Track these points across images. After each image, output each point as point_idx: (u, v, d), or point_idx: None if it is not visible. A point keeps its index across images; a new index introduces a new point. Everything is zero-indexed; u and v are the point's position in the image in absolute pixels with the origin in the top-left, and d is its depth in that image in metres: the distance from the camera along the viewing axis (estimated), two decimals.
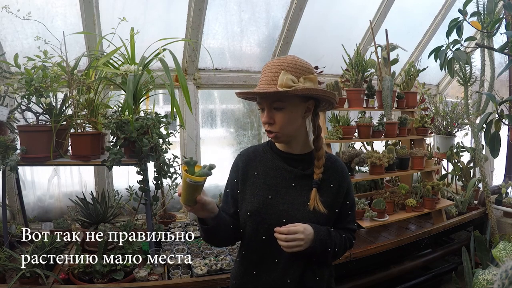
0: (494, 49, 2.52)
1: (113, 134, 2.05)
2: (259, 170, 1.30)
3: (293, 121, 1.22)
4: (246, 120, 3.49)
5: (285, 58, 1.21)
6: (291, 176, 1.27)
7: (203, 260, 2.22)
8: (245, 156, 1.35)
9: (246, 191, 1.29)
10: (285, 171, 1.28)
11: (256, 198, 1.26)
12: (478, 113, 3.20)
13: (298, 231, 1.16)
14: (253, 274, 1.29)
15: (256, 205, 1.25)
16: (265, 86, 1.19)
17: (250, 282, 1.30)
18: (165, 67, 2.11)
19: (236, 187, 1.32)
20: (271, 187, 1.27)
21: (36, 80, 1.97)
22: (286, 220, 1.22)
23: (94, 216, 2.34)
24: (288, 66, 1.18)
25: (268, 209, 1.24)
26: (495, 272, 0.90)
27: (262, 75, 1.22)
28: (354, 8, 3.37)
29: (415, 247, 2.87)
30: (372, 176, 2.79)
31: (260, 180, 1.28)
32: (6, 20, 2.41)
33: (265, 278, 1.27)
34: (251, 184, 1.29)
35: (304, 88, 1.17)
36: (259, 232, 1.25)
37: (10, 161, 1.96)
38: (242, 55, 3.26)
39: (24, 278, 1.86)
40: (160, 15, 2.81)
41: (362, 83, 2.87)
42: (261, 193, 1.26)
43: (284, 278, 1.24)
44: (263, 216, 1.24)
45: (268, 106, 1.20)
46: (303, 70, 1.20)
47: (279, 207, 1.24)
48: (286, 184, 1.27)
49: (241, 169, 1.32)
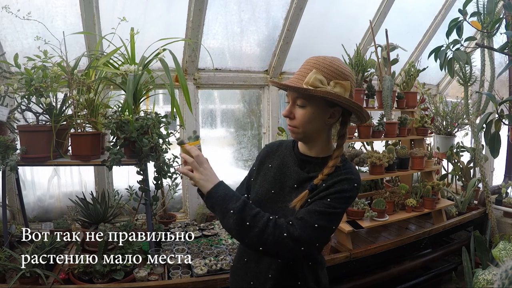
0: (494, 49, 2.52)
1: (113, 134, 2.05)
2: (274, 163, 1.33)
3: (313, 122, 1.18)
4: (246, 120, 3.49)
5: (324, 58, 1.17)
6: (296, 177, 1.27)
7: (203, 260, 2.22)
8: (269, 148, 1.40)
9: (257, 180, 1.34)
10: (293, 171, 1.28)
11: (261, 189, 1.30)
12: (478, 113, 3.20)
13: (203, 163, 1.16)
14: (244, 261, 1.33)
15: (260, 195, 1.29)
16: (294, 80, 1.18)
17: (241, 269, 1.34)
18: (165, 67, 2.11)
19: (252, 174, 1.38)
20: (277, 183, 1.28)
21: (36, 80, 1.97)
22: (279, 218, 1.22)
23: (94, 216, 2.34)
24: (322, 66, 1.14)
25: (267, 202, 1.27)
26: (495, 272, 0.90)
27: (299, 68, 1.21)
28: (354, 8, 3.37)
29: (415, 247, 2.87)
30: (372, 176, 2.79)
31: (271, 173, 1.31)
32: (6, 20, 2.41)
33: (253, 268, 1.29)
34: (263, 175, 1.33)
35: (325, 91, 1.10)
36: None
37: (10, 161, 1.96)
38: (242, 55, 3.26)
39: (24, 278, 1.86)
40: (160, 15, 2.81)
41: (362, 83, 2.87)
42: (267, 185, 1.29)
43: (268, 273, 1.25)
44: (262, 207, 1.21)
45: (292, 100, 1.20)
46: (337, 74, 1.14)
47: (277, 203, 1.26)
48: (290, 183, 1.27)
49: (260, 159, 1.37)
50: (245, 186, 1.41)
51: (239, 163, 3.40)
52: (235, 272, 1.39)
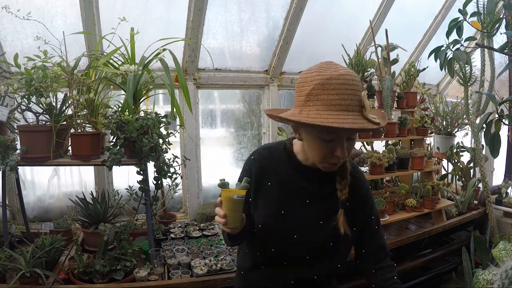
0: (494, 49, 2.52)
1: (113, 134, 2.05)
2: (273, 181, 1.20)
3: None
4: (246, 120, 3.49)
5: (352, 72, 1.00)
6: (306, 193, 1.19)
7: (203, 260, 2.22)
8: (259, 162, 1.22)
9: (258, 201, 1.22)
10: (301, 186, 1.19)
11: (268, 212, 1.20)
12: (478, 113, 3.20)
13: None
14: (261, 269, 1.26)
15: (268, 218, 1.20)
16: (346, 113, 0.95)
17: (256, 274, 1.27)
18: (165, 67, 2.11)
19: (249, 192, 1.21)
20: (285, 202, 1.19)
21: (36, 80, 1.97)
22: (297, 237, 1.18)
23: (94, 216, 2.34)
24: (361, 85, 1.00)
25: (279, 224, 1.19)
26: (495, 272, 0.90)
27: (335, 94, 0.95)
28: (354, 8, 3.37)
29: (415, 247, 2.87)
30: (372, 176, 2.79)
31: (274, 193, 1.20)
32: (6, 20, 2.41)
33: (269, 273, 1.25)
34: (264, 196, 1.21)
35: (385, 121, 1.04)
36: (268, 245, 1.22)
37: (10, 161, 1.97)
38: (242, 55, 3.26)
39: (24, 278, 1.86)
40: (160, 15, 2.81)
41: (362, 83, 2.87)
42: (274, 207, 1.20)
43: (288, 280, 1.21)
44: (273, 230, 1.19)
45: (346, 138, 1.03)
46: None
47: (291, 223, 1.18)
48: (300, 200, 1.19)
49: (254, 177, 1.21)
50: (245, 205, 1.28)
51: (239, 163, 3.39)
52: (246, 280, 1.31)
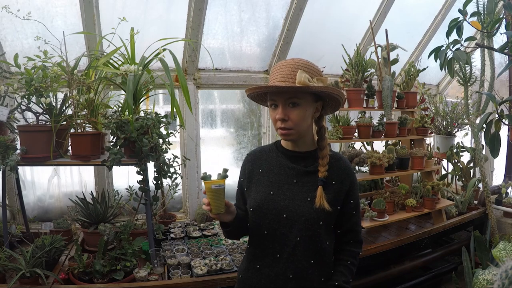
0: (494, 49, 2.52)
1: (113, 134, 2.05)
2: (263, 168, 1.35)
3: (306, 119, 1.25)
4: (246, 120, 3.49)
5: (299, 59, 1.24)
6: (293, 173, 1.30)
7: (203, 260, 2.22)
8: (252, 156, 1.41)
9: (251, 189, 1.35)
10: (287, 168, 1.31)
11: (258, 194, 1.31)
12: (478, 113, 3.20)
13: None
14: (256, 268, 1.32)
15: (258, 201, 1.29)
16: (281, 82, 1.20)
17: (254, 277, 1.32)
18: (165, 67, 2.11)
19: (244, 185, 1.39)
20: (273, 184, 1.30)
21: (36, 80, 1.97)
22: (287, 216, 1.25)
23: (94, 216, 2.34)
24: (303, 66, 1.21)
25: (269, 204, 1.27)
26: (495, 272, 0.90)
27: (275, 73, 1.23)
28: (354, 8, 3.37)
29: (415, 247, 2.87)
30: (372, 176, 2.79)
31: (264, 178, 1.33)
32: (6, 20, 2.41)
33: (268, 273, 1.29)
34: (256, 182, 1.34)
35: (323, 86, 1.20)
36: (261, 227, 1.29)
37: (10, 161, 1.96)
38: (242, 55, 3.26)
39: (24, 278, 1.86)
40: (160, 15, 2.81)
41: (362, 83, 2.87)
42: (264, 189, 1.31)
43: (286, 274, 1.26)
44: (264, 211, 1.27)
45: (283, 102, 1.21)
46: (316, 72, 1.24)
47: (280, 202, 1.27)
48: (288, 180, 1.29)
49: (248, 168, 1.38)
50: (241, 199, 1.41)
51: (239, 163, 3.39)
52: (244, 281, 1.36)
